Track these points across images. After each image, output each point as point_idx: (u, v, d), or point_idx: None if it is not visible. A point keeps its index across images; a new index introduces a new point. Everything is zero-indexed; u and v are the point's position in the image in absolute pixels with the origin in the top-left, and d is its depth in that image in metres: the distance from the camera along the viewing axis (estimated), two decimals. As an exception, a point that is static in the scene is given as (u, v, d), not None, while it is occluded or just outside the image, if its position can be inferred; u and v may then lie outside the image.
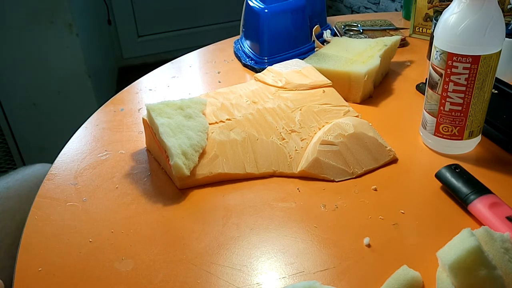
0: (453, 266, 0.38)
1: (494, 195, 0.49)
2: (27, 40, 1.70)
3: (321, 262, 0.44)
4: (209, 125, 0.60)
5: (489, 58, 0.53)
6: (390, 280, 0.40)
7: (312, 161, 0.56)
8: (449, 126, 0.58)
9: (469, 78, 0.54)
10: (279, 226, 0.49)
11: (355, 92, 0.73)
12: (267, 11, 0.86)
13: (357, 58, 0.76)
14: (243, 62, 0.89)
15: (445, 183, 0.52)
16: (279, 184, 0.56)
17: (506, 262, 0.39)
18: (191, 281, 0.43)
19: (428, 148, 0.61)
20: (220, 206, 0.52)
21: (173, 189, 0.55)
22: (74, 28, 1.74)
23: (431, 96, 0.58)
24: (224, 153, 0.57)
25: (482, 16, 0.51)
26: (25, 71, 1.74)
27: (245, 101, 0.65)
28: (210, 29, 2.81)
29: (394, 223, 0.49)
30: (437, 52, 0.55)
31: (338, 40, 0.86)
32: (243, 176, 0.56)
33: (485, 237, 0.41)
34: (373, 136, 0.59)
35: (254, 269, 0.44)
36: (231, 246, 0.47)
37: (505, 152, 0.60)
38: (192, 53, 0.98)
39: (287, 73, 0.71)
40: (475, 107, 0.56)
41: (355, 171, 0.56)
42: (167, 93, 0.80)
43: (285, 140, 0.60)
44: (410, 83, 0.79)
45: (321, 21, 0.99)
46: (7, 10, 1.63)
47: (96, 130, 0.69)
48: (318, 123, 0.62)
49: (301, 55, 0.88)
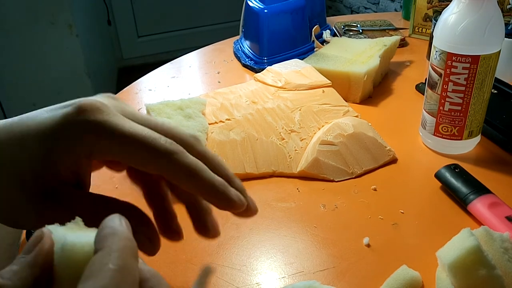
0: (452, 265, 0.38)
1: (493, 195, 0.49)
2: (27, 41, 1.70)
3: (321, 262, 0.44)
4: (209, 125, 0.60)
5: (489, 58, 0.53)
6: (389, 280, 0.41)
7: (312, 161, 0.56)
8: (448, 126, 0.58)
9: (469, 78, 0.54)
10: (278, 226, 0.49)
11: (355, 92, 0.73)
12: (266, 11, 0.86)
13: (357, 58, 0.76)
14: (243, 62, 0.89)
15: (444, 183, 0.52)
16: (278, 184, 0.56)
17: (506, 262, 0.39)
18: (191, 281, 0.43)
19: (428, 148, 0.61)
20: (219, 206, 0.52)
21: (173, 189, 0.55)
22: (74, 29, 1.74)
23: (431, 96, 0.58)
24: (223, 153, 0.57)
25: (482, 16, 0.51)
26: (25, 72, 1.74)
27: (245, 101, 0.65)
28: (210, 29, 2.81)
29: (394, 223, 0.49)
30: (437, 52, 0.55)
31: (338, 40, 0.86)
32: (242, 176, 0.56)
33: (484, 237, 0.41)
34: (372, 136, 0.59)
35: (254, 269, 0.44)
36: (230, 246, 0.47)
37: (504, 152, 0.60)
38: (192, 53, 0.98)
39: (286, 73, 0.71)
40: (474, 107, 0.56)
41: (355, 171, 0.56)
42: (167, 93, 0.80)
43: (284, 140, 0.60)
44: (409, 83, 0.79)
45: (321, 21, 0.99)
46: (7, 11, 1.63)
47: (96, 130, 0.69)
48: (318, 123, 0.62)
49: (300, 55, 0.88)
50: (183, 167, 0.31)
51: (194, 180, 0.31)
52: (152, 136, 0.31)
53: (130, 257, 0.23)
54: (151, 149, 0.31)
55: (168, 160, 0.31)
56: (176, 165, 0.31)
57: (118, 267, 0.21)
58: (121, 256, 0.22)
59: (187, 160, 0.31)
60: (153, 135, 0.31)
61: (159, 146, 0.31)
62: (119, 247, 0.22)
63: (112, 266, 0.21)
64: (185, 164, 0.31)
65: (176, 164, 0.31)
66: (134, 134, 0.31)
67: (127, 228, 0.24)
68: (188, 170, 0.31)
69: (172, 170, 0.31)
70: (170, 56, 1.22)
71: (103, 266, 0.21)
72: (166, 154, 0.31)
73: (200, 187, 0.32)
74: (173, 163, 0.31)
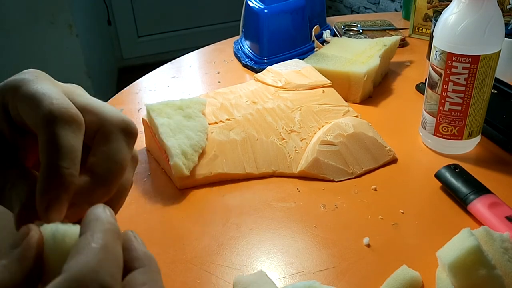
0: (452, 265, 0.38)
1: (493, 195, 0.49)
2: (27, 41, 1.70)
3: (321, 262, 0.44)
4: (209, 125, 0.60)
5: (489, 58, 0.53)
6: (389, 280, 0.41)
7: (312, 161, 0.56)
8: (448, 126, 0.58)
9: (469, 78, 0.54)
10: (278, 226, 0.49)
11: (355, 92, 0.73)
12: (266, 11, 0.86)
13: (357, 58, 0.76)
14: (243, 62, 0.89)
15: (444, 183, 0.52)
16: (278, 184, 0.56)
17: (506, 262, 0.39)
18: (191, 281, 0.43)
19: (428, 148, 0.61)
20: (219, 206, 0.52)
21: (173, 189, 0.55)
22: (74, 29, 1.74)
23: (431, 96, 0.58)
24: (223, 153, 0.57)
25: (482, 16, 0.51)
26: (25, 72, 1.74)
27: (245, 101, 0.65)
28: (210, 29, 2.81)
29: (394, 223, 0.49)
30: (437, 52, 0.55)
31: (338, 40, 0.86)
32: (242, 176, 0.56)
33: (484, 237, 0.41)
34: (372, 136, 0.59)
35: (254, 269, 0.44)
36: (230, 246, 0.47)
37: (504, 152, 0.60)
38: (192, 53, 0.98)
39: (286, 73, 0.71)
40: (474, 107, 0.56)
41: (355, 171, 0.56)
42: (167, 93, 0.80)
43: (284, 140, 0.60)
44: (409, 83, 0.79)
45: (321, 21, 0.99)
46: (7, 11, 1.63)
47: (96, 130, 0.69)
48: (318, 123, 0.62)
49: (300, 55, 0.88)
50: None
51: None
52: (49, 95, 0.28)
53: (112, 238, 0.24)
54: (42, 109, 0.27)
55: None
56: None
57: (100, 246, 0.23)
58: (103, 237, 0.23)
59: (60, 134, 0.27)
60: (53, 95, 0.28)
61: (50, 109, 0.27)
62: (101, 229, 0.24)
63: (94, 245, 0.23)
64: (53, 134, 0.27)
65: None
66: (36, 90, 0.28)
67: (110, 215, 0.26)
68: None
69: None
70: (170, 56, 1.22)
71: (86, 245, 0.22)
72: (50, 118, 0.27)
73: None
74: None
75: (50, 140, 0.27)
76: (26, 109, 0.28)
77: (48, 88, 0.29)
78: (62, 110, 0.28)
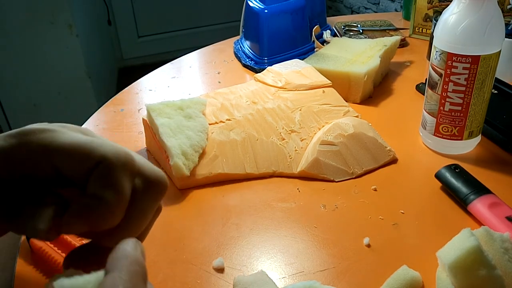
0: (453, 266, 0.38)
1: (493, 195, 0.49)
2: (27, 41, 1.70)
3: (321, 262, 0.44)
4: (209, 125, 0.60)
5: (489, 58, 0.53)
6: (389, 280, 0.41)
7: (312, 161, 0.56)
8: (448, 126, 0.58)
9: (469, 78, 0.54)
10: (279, 226, 0.49)
11: (355, 92, 0.73)
12: (267, 11, 0.86)
13: (357, 58, 0.76)
14: (243, 62, 0.89)
15: (445, 183, 0.52)
16: (279, 184, 0.56)
17: (506, 262, 0.39)
18: (191, 281, 0.43)
19: (428, 148, 0.61)
20: (220, 206, 0.52)
21: (173, 189, 0.55)
22: (74, 29, 1.74)
23: (431, 96, 0.58)
24: (224, 153, 0.57)
25: (482, 16, 0.51)
26: (25, 72, 1.74)
27: (245, 102, 0.65)
28: (210, 29, 2.81)
29: (394, 223, 0.49)
30: (437, 52, 0.55)
31: (338, 40, 0.86)
32: (243, 176, 0.56)
33: (484, 237, 0.41)
34: (372, 136, 0.59)
35: (254, 269, 0.44)
36: (231, 246, 0.47)
37: (504, 152, 0.60)
38: (192, 53, 0.98)
39: (287, 73, 0.71)
40: (474, 107, 0.56)
41: (355, 171, 0.56)
42: (167, 93, 0.80)
43: (285, 140, 0.60)
44: (409, 83, 0.79)
45: (321, 22, 0.99)
46: (7, 11, 1.63)
47: (96, 130, 0.69)
48: (318, 123, 0.62)
49: (301, 55, 0.88)
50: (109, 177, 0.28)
51: None
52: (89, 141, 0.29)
53: (138, 281, 0.23)
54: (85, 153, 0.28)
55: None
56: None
57: None
58: (131, 280, 0.22)
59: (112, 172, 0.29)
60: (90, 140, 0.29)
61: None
62: (130, 270, 0.23)
63: None
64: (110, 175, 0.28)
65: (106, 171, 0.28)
66: (71, 141, 0.28)
67: (140, 254, 0.24)
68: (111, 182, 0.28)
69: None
70: (170, 56, 1.22)
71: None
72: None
73: None
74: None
75: None
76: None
77: None
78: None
